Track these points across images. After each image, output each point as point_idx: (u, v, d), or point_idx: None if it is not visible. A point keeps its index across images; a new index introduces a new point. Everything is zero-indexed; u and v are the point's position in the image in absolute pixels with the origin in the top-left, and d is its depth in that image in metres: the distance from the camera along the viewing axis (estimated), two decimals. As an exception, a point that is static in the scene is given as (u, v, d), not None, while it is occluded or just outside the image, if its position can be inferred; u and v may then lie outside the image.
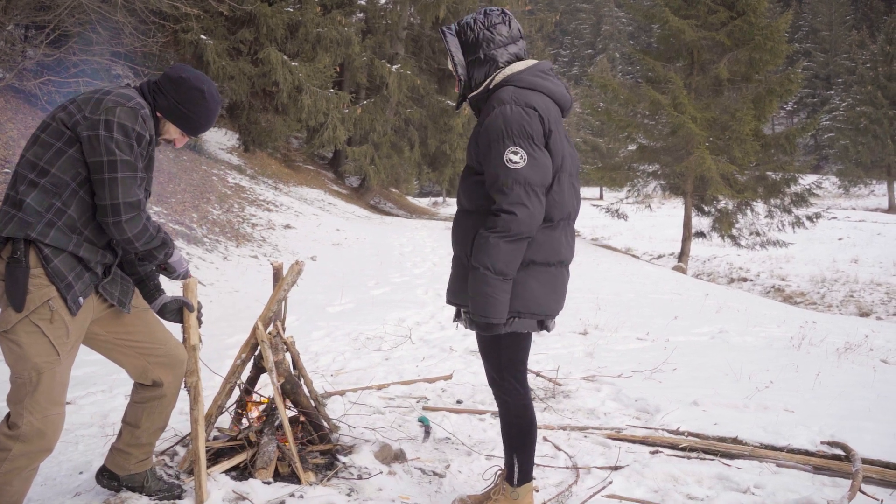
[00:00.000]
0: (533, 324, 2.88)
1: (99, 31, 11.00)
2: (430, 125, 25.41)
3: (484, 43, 2.81)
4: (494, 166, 2.69)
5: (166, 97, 2.76)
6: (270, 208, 14.94)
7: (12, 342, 2.52)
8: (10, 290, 2.49)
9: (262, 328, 3.44)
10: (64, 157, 2.57)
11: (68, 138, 2.57)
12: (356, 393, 4.89)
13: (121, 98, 2.61)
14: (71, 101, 2.64)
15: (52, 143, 2.57)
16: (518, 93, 2.74)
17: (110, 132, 2.55)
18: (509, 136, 2.66)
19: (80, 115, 2.57)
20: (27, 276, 2.50)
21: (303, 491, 3.16)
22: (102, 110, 2.56)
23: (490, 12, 2.86)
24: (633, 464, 3.76)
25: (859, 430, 4.29)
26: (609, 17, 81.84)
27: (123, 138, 2.58)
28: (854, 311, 15.87)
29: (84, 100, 2.61)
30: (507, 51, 2.85)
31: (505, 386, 2.99)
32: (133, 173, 2.61)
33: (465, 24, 2.84)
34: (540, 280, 2.85)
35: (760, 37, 18.65)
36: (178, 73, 2.80)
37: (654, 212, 25.74)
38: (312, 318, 7.81)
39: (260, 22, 17.51)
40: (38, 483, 3.28)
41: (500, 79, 2.82)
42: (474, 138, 2.81)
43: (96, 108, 2.57)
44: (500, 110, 2.70)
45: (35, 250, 2.52)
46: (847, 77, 54.54)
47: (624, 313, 8.80)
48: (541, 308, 2.86)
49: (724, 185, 18.73)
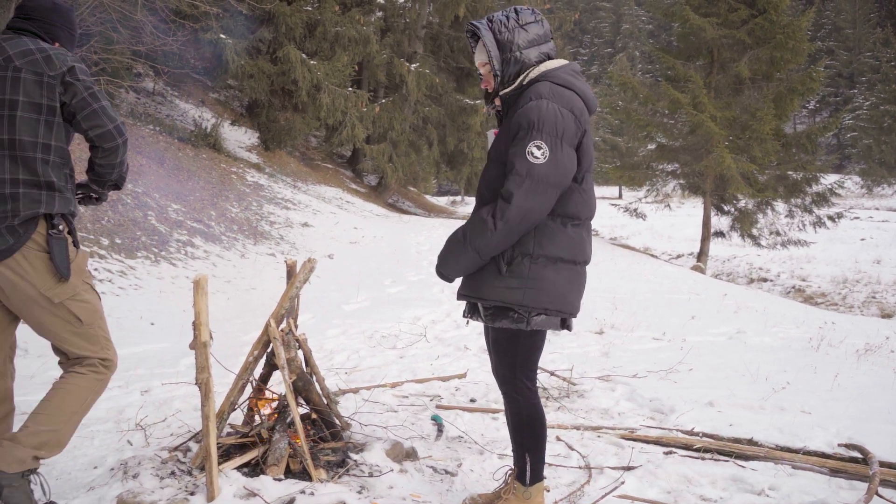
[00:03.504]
0: (557, 321, 2.88)
1: (119, 31, 11.07)
2: (449, 124, 25.37)
3: (519, 41, 2.81)
4: (515, 154, 2.70)
5: (60, 28, 2.97)
6: (289, 206, 15.00)
7: (82, 301, 2.86)
8: (59, 263, 2.75)
9: (275, 325, 3.45)
10: (55, 127, 2.79)
11: (48, 108, 2.75)
12: (370, 391, 4.90)
13: (59, 51, 2.83)
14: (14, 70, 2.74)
15: (36, 119, 2.74)
16: (555, 90, 2.75)
17: (75, 75, 2.80)
18: (538, 130, 2.67)
19: (46, 78, 2.74)
20: (67, 246, 2.80)
21: (314, 488, 3.16)
22: (59, 64, 2.77)
23: (522, 11, 2.85)
24: (647, 464, 3.73)
25: (878, 433, 4.24)
26: (629, 16, 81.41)
27: (88, 77, 2.85)
28: (876, 313, 15.67)
29: (30, 64, 2.74)
30: (539, 49, 2.85)
31: (517, 385, 2.98)
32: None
33: (500, 21, 2.82)
34: (568, 277, 2.86)
35: (782, 35, 18.46)
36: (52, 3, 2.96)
37: (674, 211, 25.56)
38: (328, 315, 7.82)
39: (279, 21, 17.61)
40: (54, 477, 3.32)
41: (534, 75, 2.82)
42: (505, 132, 2.81)
43: (52, 66, 2.76)
44: (537, 103, 2.70)
45: (65, 222, 2.82)
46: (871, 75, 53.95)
47: (640, 313, 8.74)
48: (567, 306, 2.86)
49: (744, 185, 18.56)
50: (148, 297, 7.57)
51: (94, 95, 2.79)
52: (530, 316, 2.82)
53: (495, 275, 2.82)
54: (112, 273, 7.80)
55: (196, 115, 17.90)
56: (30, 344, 5.42)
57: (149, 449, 3.63)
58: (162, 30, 11.45)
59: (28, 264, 2.72)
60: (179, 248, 9.60)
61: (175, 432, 3.94)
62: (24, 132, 2.70)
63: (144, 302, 7.38)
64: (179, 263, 9.02)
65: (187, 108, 18.16)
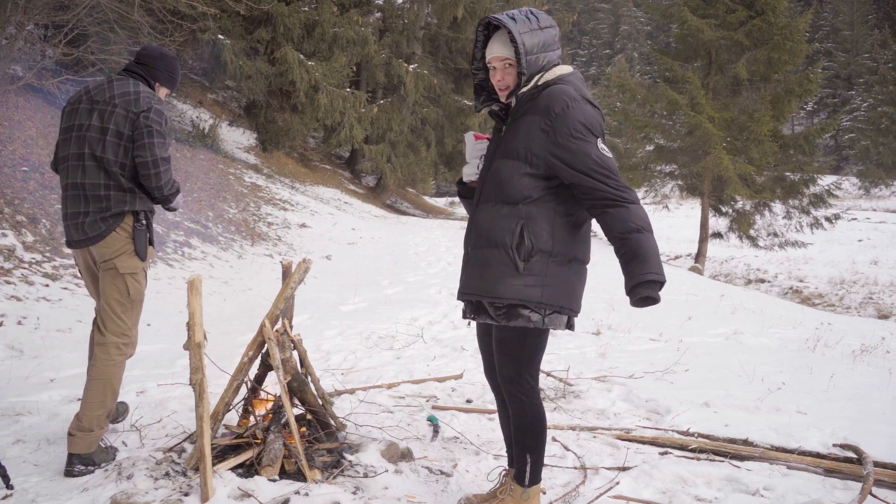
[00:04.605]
0: (565, 321, 2.89)
1: (117, 31, 11.07)
2: (447, 124, 25.36)
3: (540, 42, 2.79)
4: (588, 156, 2.70)
5: (159, 70, 3.79)
6: (286, 207, 15.00)
7: (136, 282, 3.65)
8: (138, 248, 3.60)
9: (270, 326, 3.45)
10: (130, 151, 3.57)
11: (127, 136, 3.55)
12: (366, 391, 4.90)
13: (148, 94, 3.62)
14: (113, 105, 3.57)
15: (118, 143, 3.55)
16: (583, 93, 2.79)
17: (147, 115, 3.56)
18: (598, 130, 2.74)
19: (130, 114, 3.54)
20: (146, 236, 3.64)
21: (308, 489, 3.16)
22: (143, 105, 3.56)
23: (541, 14, 2.83)
24: (642, 465, 3.73)
25: (873, 433, 4.24)
26: (627, 17, 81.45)
27: (159, 117, 3.60)
28: (873, 314, 15.69)
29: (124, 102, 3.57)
30: (555, 54, 2.85)
31: (523, 385, 2.96)
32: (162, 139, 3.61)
33: (523, 20, 2.78)
34: (580, 277, 2.91)
35: (780, 36, 18.49)
36: (157, 51, 3.83)
37: (672, 212, 25.59)
38: (325, 316, 7.82)
39: (277, 21, 17.60)
40: (48, 478, 3.31)
41: (550, 77, 2.82)
42: (536, 132, 2.76)
43: (137, 105, 3.55)
44: (581, 107, 2.72)
45: (145, 217, 3.64)
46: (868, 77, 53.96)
47: (637, 314, 8.74)
48: (576, 305, 2.90)
49: (742, 186, 18.59)
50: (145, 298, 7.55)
51: (151, 132, 3.52)
52: (546, 314, 2.81)
53: (512, 273, 2.79)
54: (109, 274, 7.79)
55: (194, 116, 17.89)
56: (25, 346, 5.42)
57: (143, 450, 3.63)
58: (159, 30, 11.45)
59: (114, 242, 3.56)
60: (176, 248, 9.59)
61: (170, 433, 3.93)
62: (110, 152, 3.53)
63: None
64: (176, 264, 9.02)
65: (185, 108, 18.14)
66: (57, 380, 4.92)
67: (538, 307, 2.79)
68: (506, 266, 2.80)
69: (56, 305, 6.47)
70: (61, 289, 6.86)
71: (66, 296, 6.74)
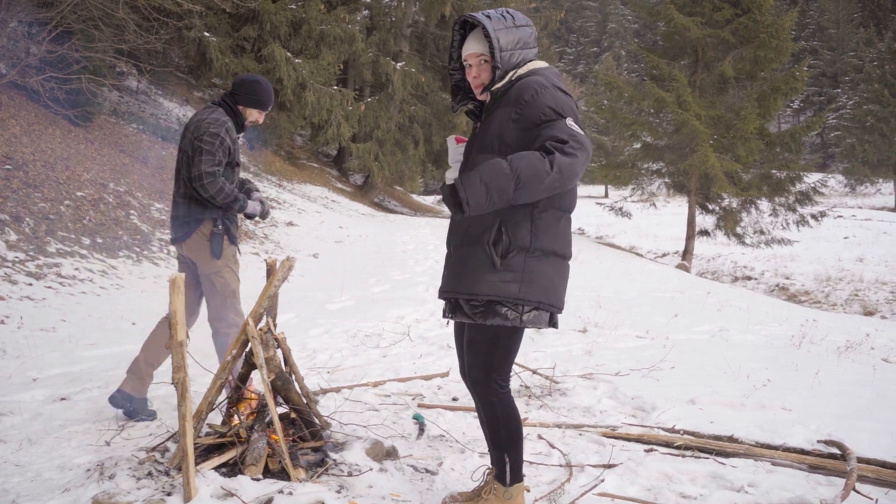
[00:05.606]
0: (546, 318, 2.85)
1: (102, 28, 10.99)
2: (435, 122, 25.35)
3: (515, 39, 2.80)
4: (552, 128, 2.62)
5: (240, 94, 4.32)
6: (273, 205, 14.94)
7: (220, 278, 4.27)
8: (213, 249, 4.23)
9: (253, 324, 3.42)
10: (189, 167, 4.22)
11: (189, 156, 4.19)
12: (351, 390, 4.88)
13: (212, 120, 4.20)
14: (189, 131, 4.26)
15: (188, 163, 4.19)
16: (554, 82, 2.77)
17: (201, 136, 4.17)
18: (568, 111, 2.68)
19: (195, 136, 4.16)
20: (222, 240, 4.26)
21: (292, 487, 3.13)
22: (203, 128, 4.16)
23: (516, 14, 2.84)
24: (628, 462, 3.73)
25: (857, 429, 4.26)
26: (615, 15, 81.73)
27: (212, 139, 4.16)
28: (859, 310, 15.80)
29: (195, 128, 4.20)
30: (530, 52, 2.86)
31: (492, 387, 2.93)
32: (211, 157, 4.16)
33: (498, 17, 2.79)
34: (560, 273, 2.86)
35: (766, 34, 18.59)
36: (240, 78, 4.39)
37: (659, 210, 25.66)
38: (312, 315, 7.80)
39: (263, 19, 17.54)
40: (29, 479, 3.28)
41: (523, 72, 2.82)
42: (507, 122, 2.74)
43: (199, 129, 4.16)
44: (551, 93, 2.70)
45: (222, 223, 4.27)
46: (854, 75, 54.37)
47: (625, 311, 8.77)
48: (558, 301, 2.85)
49: (728, 183, 18.68)
50: (130, 297, 7.52)
51: (200, 151, 4.11)
52: (523, 311, 2.78)
53: (489, 269, 2.76)
54: (93, 273, 7.74)
55: (180, 114, 17.78)
56: (7, 346, 5.37)
57: (126, 449, 3.59)
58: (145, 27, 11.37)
59: (196, 245, 4.24)
60: (162, 247, 9.54)
61: (154, 432, 3.91)
62: (184, 169, 4.21)
63: (126, 302, 7.32)
64: (162, 263, 8.97)
65: (171, 106, 18.03)
66: (40, 379, 4.88)
67: (515, 305, 2.76)
68: (483, 263, 2.78)
69: (40, 305, 6.42)
70: (45, 287, 6.81)
71: (49, 295, 6.69)
